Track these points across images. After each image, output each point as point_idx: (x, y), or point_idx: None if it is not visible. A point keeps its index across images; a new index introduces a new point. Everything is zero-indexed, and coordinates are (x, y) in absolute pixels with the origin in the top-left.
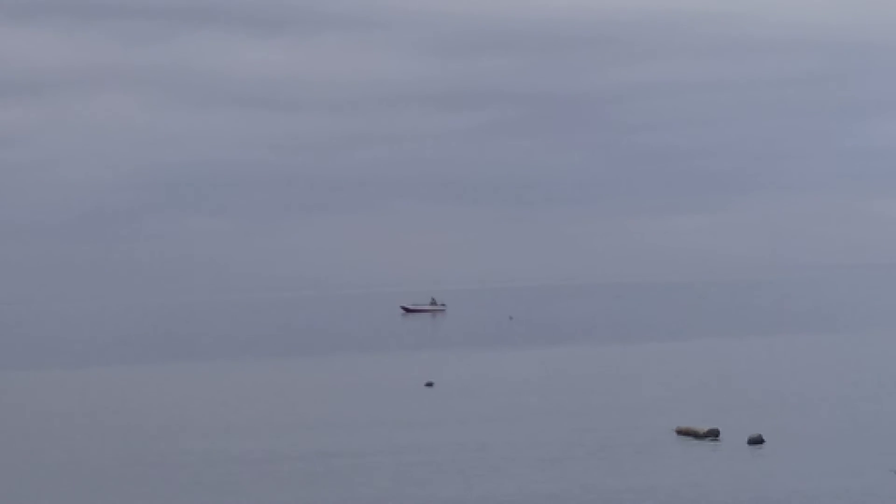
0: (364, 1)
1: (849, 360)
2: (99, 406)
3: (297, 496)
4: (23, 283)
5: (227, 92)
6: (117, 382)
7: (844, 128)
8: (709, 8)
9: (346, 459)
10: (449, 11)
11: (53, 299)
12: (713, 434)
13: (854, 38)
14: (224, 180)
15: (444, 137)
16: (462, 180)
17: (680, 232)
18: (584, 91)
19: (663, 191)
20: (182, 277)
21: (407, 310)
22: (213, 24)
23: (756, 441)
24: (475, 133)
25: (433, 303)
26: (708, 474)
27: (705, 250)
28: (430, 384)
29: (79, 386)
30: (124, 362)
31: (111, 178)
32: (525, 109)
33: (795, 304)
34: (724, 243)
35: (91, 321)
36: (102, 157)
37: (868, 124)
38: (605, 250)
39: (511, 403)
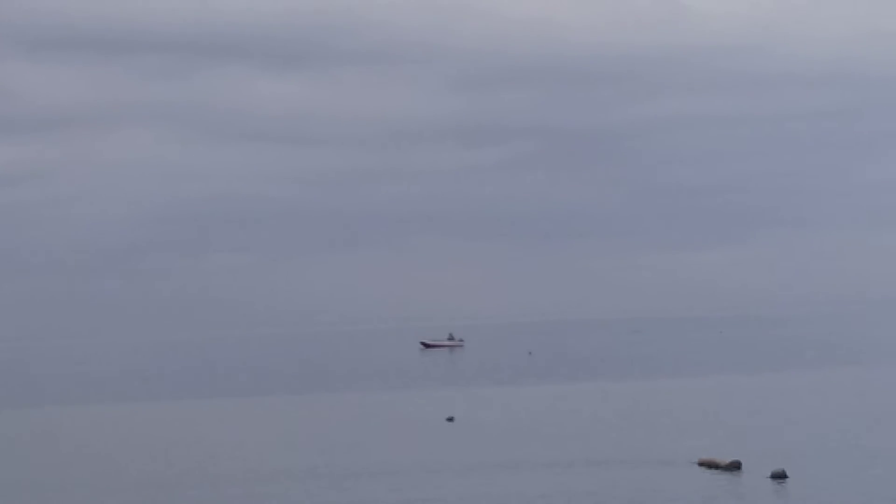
0: (383, 36)
1: (870, 395)
2: (121, 443)
3: None
4: (42, 321)
5: (246, 127)
6: (139, 419)
7: (862, 162)
8: (727, 42)
9: (372, 497)
10: (469, 47)
11: (73, 336)
12: (735, 466)
13: (871, 73)
14: (244, 216)
15: (464, 172)
16: (481, 215)
17: (698, 267)
18: (603, 126)
19: (681, 226)
20: (203, 313)
21: (426, 345)
22: (232, 60)
23: (779, 476)
24: (495, 168)
25: (451, 338)
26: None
27: (724, 285)
28: (450, 419)
29: (99, 422)
30: (145, 399)
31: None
32: (545, 144)
33: (815, 338)
34: (743, 278)
35: (112, 358)
36: (121, 194)
37: (885, 158)
38: (623, 285)
39: (532, 438)
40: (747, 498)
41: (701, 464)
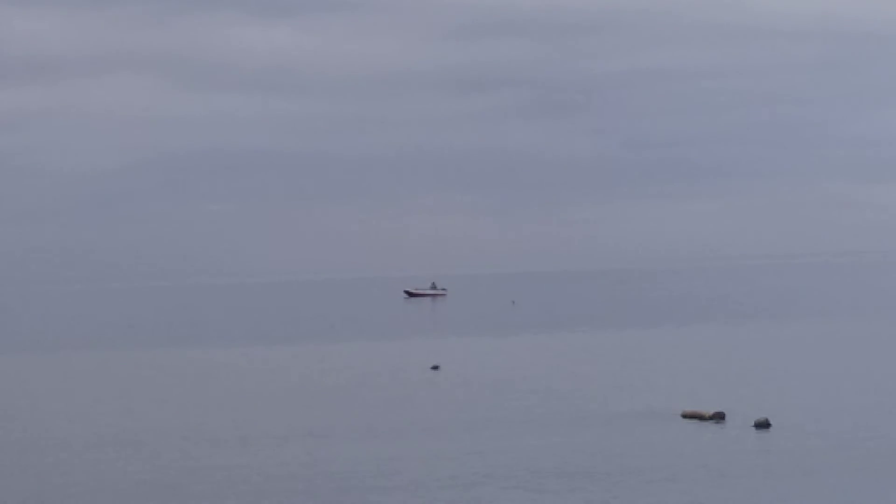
0: None
1: (851, 346)
2: (95, 389)
3: (310, 476)
4: (24, 268)
5: (232, 76)
6: (119, 366)
7: (845, 116)
8: None
9: (359, 443)
10: None
11: (59, 283)
12: (719, 417)
13: (856, 29)
14: (230, 164)
15: (451, 122)
16: (468, 165)
17: (681, 218)
18: (588, 77)
19: (666, 177)
20: (186, 262)
21: (410, 294)
22: (221, 8)
23: (763, 425)
24: (482, 117)
25: (434, 287)
26: (714, 456)
27: (706, 236)
28: (436, 367)
29: (78, 369)
30: (127, 346)
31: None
32: (531, 95)
33: (798, 289)
34: (725, 229)
35: (94, 305)
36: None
37: (868, 113)
38: (607, 236)
39: (515, 388)
40: (733, 448)
41: (685, 416)
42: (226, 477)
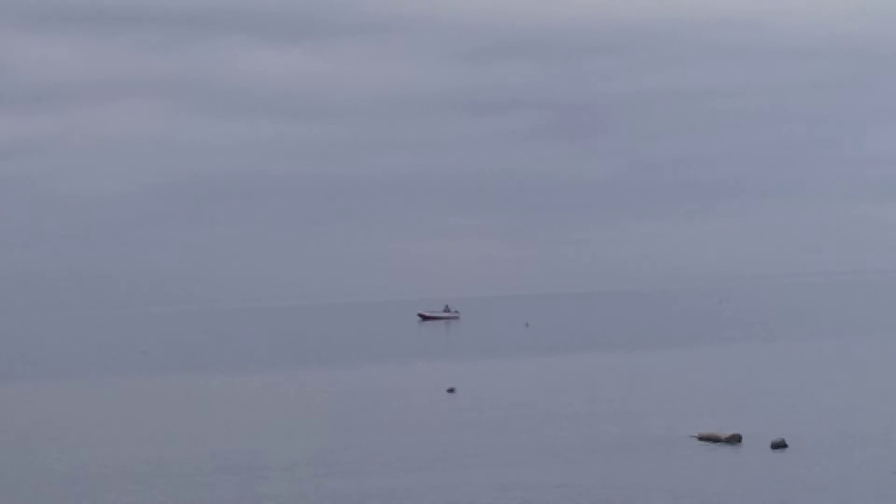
0: (385, 8)
1: (867, 365)
2: (114, 416)
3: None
4: (38, 294)
5: (246, 100)
6: (129, 393)
7: (857, 135)
8: (727, 16)
9: (376, 468)
10: (470, 18)
11: (70, 309)
12: (735, 440)
13: (868, 47)
14: (242, 189)
15: (466, 144)
16: (479, 187)
17: (693, 239)
18: (600, 99)
19: (677, 197)
20: (201, 287)
21: (424, 317)
22: (232, 33)
23: (779, 445)
24: (496, 139)
25: (447, 310)
26: (732, 479)
27: (718, 256)
28: (451, 390)
29: (94, 396)
30: (143, 373)
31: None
32: (546, 116)
33: (812, 309)
34: (737, 249)
35: (105, 331)
36: (118, 168)
37: (881, 131)
38: (619, 257)
39: (531, 409)
40: (749, 470)
41: (701, 438)
42: None
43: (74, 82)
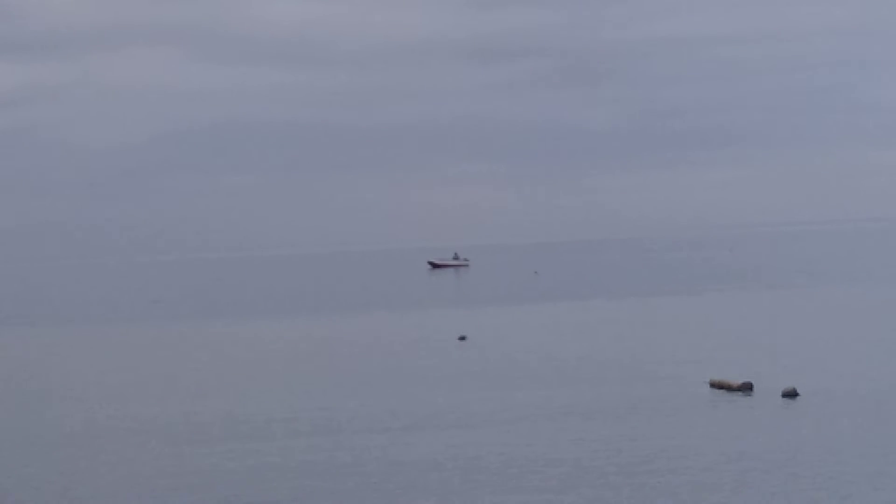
0: None
1: (877, 314)
2: (123, 364)
3: (338, 449)
4: (46, 243)
5: (255, 48)
6: (145, 340)
7: (862, 82)
8: None
9: (390, 416)
10: None
11: (80, 258)
12: (747, 387)
13: None
14: (251, 137)
15: (476, 91)
16: (492, 134)
17: (701, 186)
18: (611, 45)
19: (685, 145)
20: (210, 235)
21: (434, 265)
22: None
23: (790, 394)
24: (506, 87)
25: (456, 258)
26: (742, 426)
27: (729, 204)
28: (463, 338)
29: (105, 343)
30: (153, 320)
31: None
32: (555, 63)
33: (822, 257)
34: (747, 197)
35: (117, 279)
36: (126, 116)
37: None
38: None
39: (542, 357)
40: (761, 418)
41: (713, 385)
42: (252, 464)
43: (83, 29)
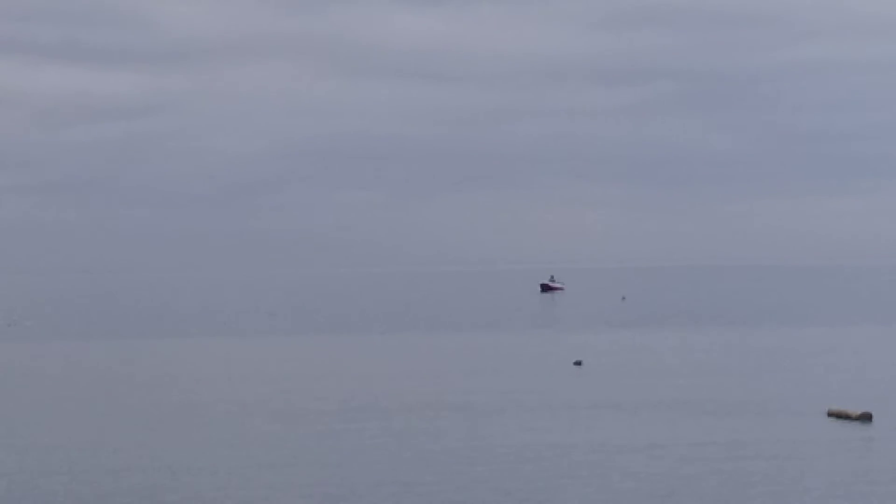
0: None
1: None
2: (242, 374)
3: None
4: (168, 252)
5: (382, 63)
6: (259, 352)
7: None
8: None
9: (507, 441)
10: None
11: (199, 268)
12: (866, 417)
13: None
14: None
15: (601, 113)
16: (615, 157)
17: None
18: (742, 69)
19: (817, 173)
20: (327, 250)
21: (545, 287)
22: None
23: None
24: (632, 109)
25: (552, 280)
26: (861, 457)
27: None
28: (578, 363)
29: (222, 355)
30: (268, 333)
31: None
32: (683, 87)
33: None
34: (875, 227)
35: (236, 291)
36: (253, 127)
37: None
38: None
39: (656, 384)
40: (879, 448)
41: (831, 414)
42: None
43: (213, 41)
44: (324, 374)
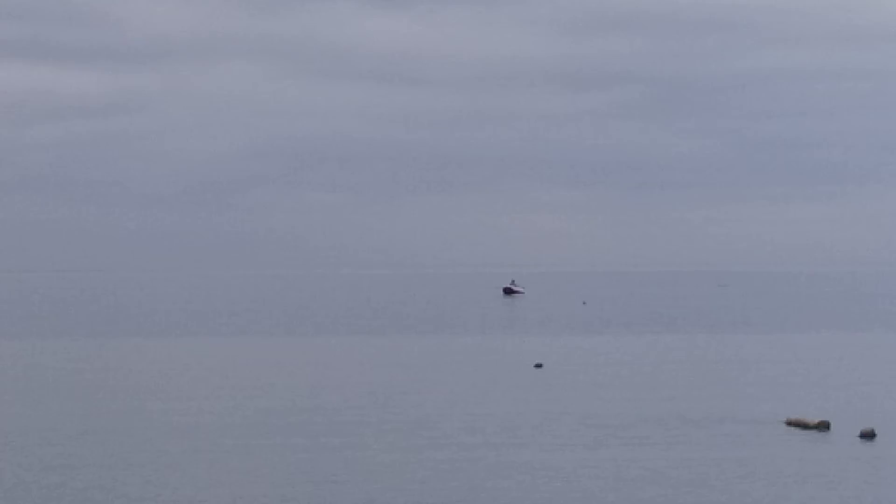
0: None
1: None
2: (204, 376)
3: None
4: (134, 252)
5: (350, 65)
6: (223, 353)
7: None
8: None
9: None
10: None
11: (166, 268)
12: (824, 426)
13: None
14: (342, 154)
15: (566, 118)
16: (579, 162)
17: (793, 222)
18: (707, 76)
19: (778, 180)
20: (293, 251)
21: (507, 290)
22: None
23: (868, 435)
24: (596, 114)
25: (513, 284)
26: (819, 466)
27: (819, 241)
28: (539, 365)
29: (183, 355)
30: (230, 334)
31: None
32: (648, 92)
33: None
34: (839, 234)
35: (201, 291)
36: (219, 128)
37: None
38: (715, 238)
39: (613, 390)
40: (837, 458)
41: (789, 423)
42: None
43: (181, 40)
44: (275, 378)
